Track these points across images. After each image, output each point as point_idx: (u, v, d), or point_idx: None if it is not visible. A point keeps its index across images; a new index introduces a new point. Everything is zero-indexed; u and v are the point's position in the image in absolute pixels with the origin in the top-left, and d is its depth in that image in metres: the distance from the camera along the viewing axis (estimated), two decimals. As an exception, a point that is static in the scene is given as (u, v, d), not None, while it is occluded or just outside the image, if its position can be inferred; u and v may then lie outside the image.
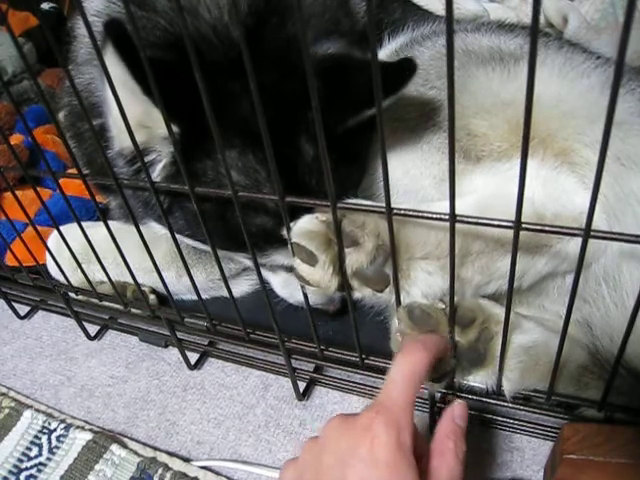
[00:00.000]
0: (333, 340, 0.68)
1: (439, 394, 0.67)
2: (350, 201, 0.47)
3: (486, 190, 0.57)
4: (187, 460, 0.73)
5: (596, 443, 0.55)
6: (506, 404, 0.65)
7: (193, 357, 0.85)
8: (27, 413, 0.81)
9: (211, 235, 0.56)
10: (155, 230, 0.69)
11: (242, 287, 0.87)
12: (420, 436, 0.51)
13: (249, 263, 0.72)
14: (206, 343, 0.85)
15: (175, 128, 0.53)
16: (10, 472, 0.75)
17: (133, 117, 0.53)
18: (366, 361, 0.63)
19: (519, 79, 0.59)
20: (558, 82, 0.58)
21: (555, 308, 0.65)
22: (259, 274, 0.58)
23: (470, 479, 0.67)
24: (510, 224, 0.42)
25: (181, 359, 0.84)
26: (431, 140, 0.62)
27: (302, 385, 0.78)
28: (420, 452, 0.47)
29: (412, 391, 0.47)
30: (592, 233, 0.41)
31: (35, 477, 0.74)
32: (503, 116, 0.58)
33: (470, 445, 0.69)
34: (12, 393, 0.85)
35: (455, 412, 0.53)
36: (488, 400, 0.65)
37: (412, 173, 0.63)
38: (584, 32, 1.03)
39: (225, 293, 0.85)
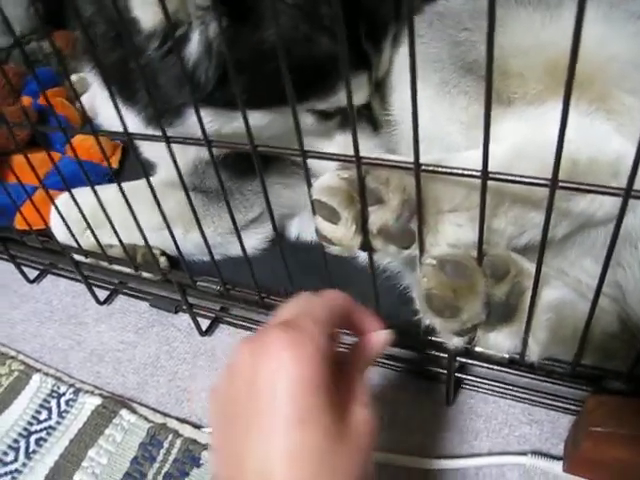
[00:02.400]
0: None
1: (457, 364, 0.65)
2: (374, 156, 0.45)
3: (518, 136, 0.54)
4: (198, 427, 0.72)
5: (623, 416, 0.53)
6: (526, 375, 0.63)
7: (204, 323, 0.84)
8: (36, 377, 0.80)
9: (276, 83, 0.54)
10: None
11: (250, 241, 0.84)
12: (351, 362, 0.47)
13: (311, 122, 0.69)
14: (218, 308, 0.83)
15: None
16: (20, 435, 0.74)
17: None
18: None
19: (562, 21, 0.56)
20: (603, 24, 0.55)
21: (574, 272, 0.62)
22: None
23: (487, 452, 0.66)
24: (546, 182, 0.40)
25: (192, 325, 0.83)
26: (459, 83, 0.59)
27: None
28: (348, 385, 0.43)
29: (330, 311, 0.44)
30: (633, 193, 0.39)
31: (45, 440, 0.73)
32: (542, 56, 0.55)
33: (488, 417, 0.69)
34: (21, 356, 0.84)
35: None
36: (507, 370, 0.63)
37: (438, 118, 0.60)
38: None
39: (234, 251, 0.84)
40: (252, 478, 0.37)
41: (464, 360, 0.64)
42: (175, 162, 0.53)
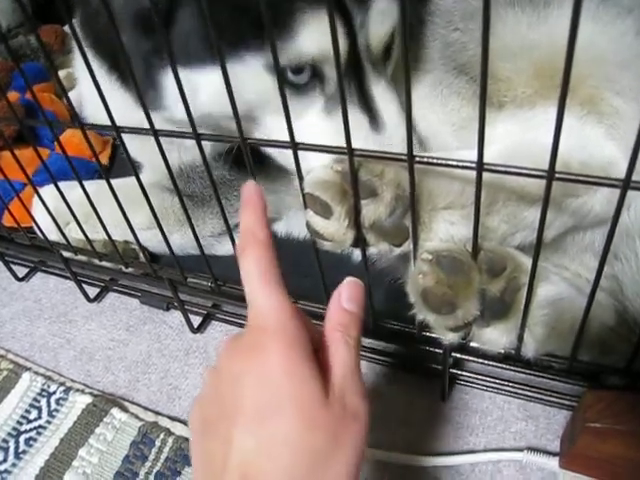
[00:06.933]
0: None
1: (451, 359, 0.65)
2: (367, 148, 0.44)
3: (509, 139, 0.54)
4: (190, 425, 0.71)
5: (620, 411, 0.52)
6: (522, 370, 0.63)
7: (196, 320, 0.83)
8: (26, 375, 0.79)
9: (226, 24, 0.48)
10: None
11: (230, 245, 0.84)
12: (314, 328, 0.45)
13: (272, 86, 0.56)
14: (209, 305, 0.82)
15: None
16: (9, 434, 0.73)
17: None
18: (378, 323, 0.61)
19: (549, 22, 0.55)
20: (591, 25, 0.54)
21: (574, 267, 0.62)
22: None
23: (483, 448, 0.66)
24: (542, 173, 0.39)
25: (183, 322, 0.82)
26: (451, 84, 0.59)
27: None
28: (316, 344, 0.42)
29: (278, 288, 0.42)
30: (632, 184, 0.38)
31: (35, 439, 0.72)
32: (529, 59, 0.55)
33: (483, 413, 0.68)
34: (10, 355, 0.83)
35: (343, 295, 0.44)
36: (503, 366, 0.63)
37: (429, 118, 0.59)
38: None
39: (217, 252, 0.86)
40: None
41: (459, 356, 0.63)
42: (164, 156, 0.52)
